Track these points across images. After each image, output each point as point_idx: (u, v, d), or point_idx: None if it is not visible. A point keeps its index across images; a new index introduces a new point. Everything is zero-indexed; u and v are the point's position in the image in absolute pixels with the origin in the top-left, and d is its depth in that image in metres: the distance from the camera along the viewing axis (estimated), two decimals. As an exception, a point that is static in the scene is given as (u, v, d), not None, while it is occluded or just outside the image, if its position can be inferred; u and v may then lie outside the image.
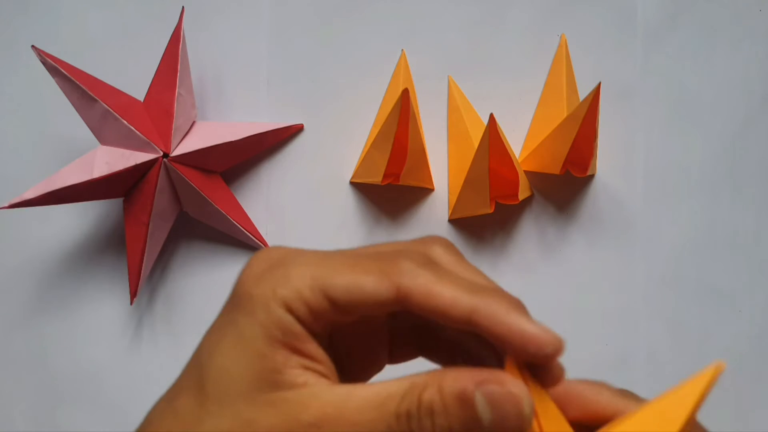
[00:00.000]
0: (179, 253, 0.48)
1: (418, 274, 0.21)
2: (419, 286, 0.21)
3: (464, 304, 0.21)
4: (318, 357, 0.22)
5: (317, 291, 0.21)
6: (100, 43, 0.49)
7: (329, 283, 0.21)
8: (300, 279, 0.21)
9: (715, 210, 0.49)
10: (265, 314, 0.21)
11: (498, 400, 0.20)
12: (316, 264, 0.22)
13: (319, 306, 0.21)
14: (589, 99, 0.40)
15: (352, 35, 0.49)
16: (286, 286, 0.21)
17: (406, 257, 0.21)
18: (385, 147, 0.42)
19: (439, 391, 0.20)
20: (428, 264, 0.21)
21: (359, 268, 0.21)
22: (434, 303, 0.21)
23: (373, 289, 0.21)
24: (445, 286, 0.21)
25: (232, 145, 0.45)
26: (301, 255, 0.22)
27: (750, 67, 0.49)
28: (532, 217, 0.48)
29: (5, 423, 0.48)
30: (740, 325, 0.48)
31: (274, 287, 0.21)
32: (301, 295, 0.21)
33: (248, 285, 0.22)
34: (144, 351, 0.48)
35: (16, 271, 0.49)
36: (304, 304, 0.21)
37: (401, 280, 0.21)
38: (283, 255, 0.22)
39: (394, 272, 0.21)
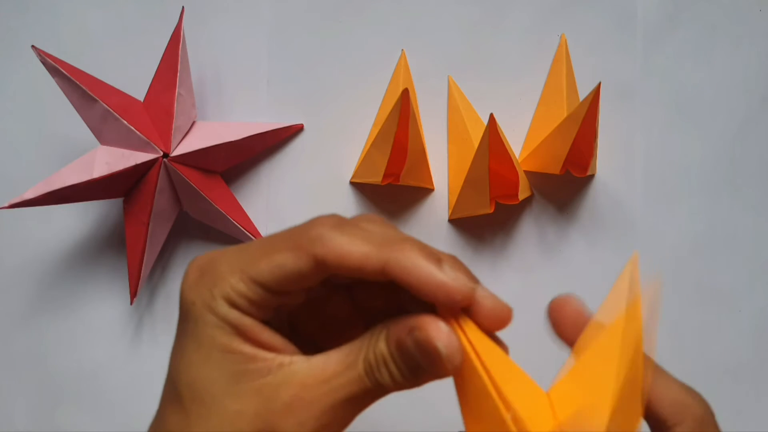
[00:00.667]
0: (179, 253, 0.48)
1: (329, 237, 0.21)
2: (331, 249, 0.21)
3: (375, 258, 0.21)
4: (277, 343, 0.22)
5: (247, 281, 0.22)
6: (100, 43, 0.49)
7: (254, 270, 0.22)
8: (230, 275, 0.22)
9: (715, 210, 0.49)
10: (211, 316, 0.22)
11: (422, 344, 0.21)
12: (238, 257, 0.22)
13: (254, 295, 0.22)
14: (589, 99, 0.40)
15: (352, 35, 0.49)
16: (219, 285, 0.22)
17: (317, 224, 0.22)
18: (385, 147, 0.42)
19: (386, 340, 0.22)
20: (339, 225, 0.22)
21: (275, 248, 0.22)
22: (347, 263, 0.21)
23: (292, 264, 0.22)
24: (355, 245, 0.21)
25: (232, 145, 0.45)
26: (223, 254, 0.23)
27: (750, 67, 0.49)
28: (532, 217, 0.48)
29: (5, 423, 0.48)
30: (740, 325, 0.48)
31: (210, 289, 0.22)
32: (235, 290, 0.22)
33: (187, 294, 0.22)
34: (144, 351, 0.48)
35: (16, 271, 0.49)
36: (242, 297, 0.22)
37: (314, 249, 0.21)
38: (209, 259, 0.23)
39: (306, 242, 0.22)
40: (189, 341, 0.22)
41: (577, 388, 0.22)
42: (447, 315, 0.22)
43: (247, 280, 0.22)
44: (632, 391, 0.22)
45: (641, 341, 0.22)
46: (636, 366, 0.22)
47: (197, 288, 0.22)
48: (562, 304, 0.24)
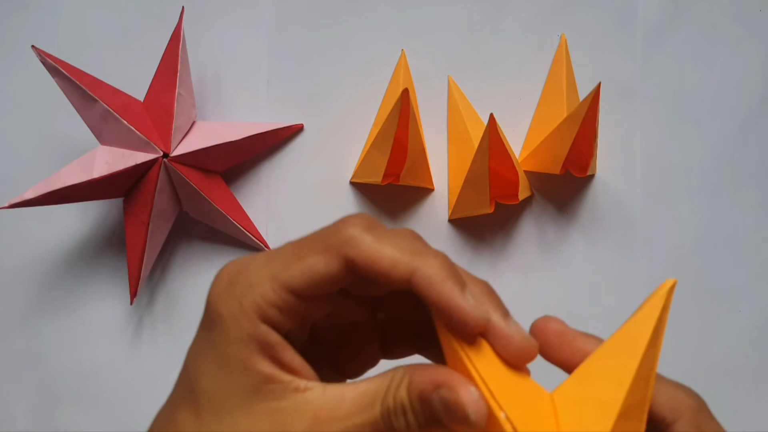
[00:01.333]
0: (179, 253, 0.48)
1: (361, 239, 0.21)
2: (362, 251, 0.21)
3: (403, 266, 0.21)
4: (297, 364, 0.22)
5: (278, 288, 0.21)
6: (100, 43, 0.49)
7: (285, 276, 0.21)
8: (259, 284, 0.22)
9: (715, 210, 0.49)
10: (237, 331, 0.21)
11: (449, 404, 0.21)
12: (268, 264, 0.22)
13: (285, 303, 0.22)
14: (589, 99, 0.40)
15: (352, 35, 0.49)
16: (249, 296, 0.22)
17: (348, 224, 0.22)
18: (385, 147, 0.42)
19: (408, 389, 0.21)
20: (370, 227, 0.22)
21: (306, 251, 0.22)
22: (377, 267, 0.21)
23: (324, 267, 0.21)
24: (386, 250, 0.21)
25: (232, 145, 0.45)
26: (252, 261, 0.22)
27: (750, 67, 0.49)
28: (532, 217, 0.48)
29: (5, 423, 0.48)
30: (740, 325, 0.48)
31: (240, 301, 0.22)
32: (266, 299, 0.21)
33: (215, 304, 0.22)
34: (144, 351, 0.48)
35: (16, 271, 0.49)
36: (272, 306, 0.21)
37: (346, 251, 0.21)
38: (239, 266, 0.23)
39: (338, 244, 0.22)
40: (212, 351, 0.22)
41: (583, 396, 0.22)
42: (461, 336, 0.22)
43: (278, 288, 0.21)
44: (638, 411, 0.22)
45: (656, 367, 0.22)
46: (647, 388, 0.22)
47: (226, 299, 0.22)
48: (543, 325, 0.24)
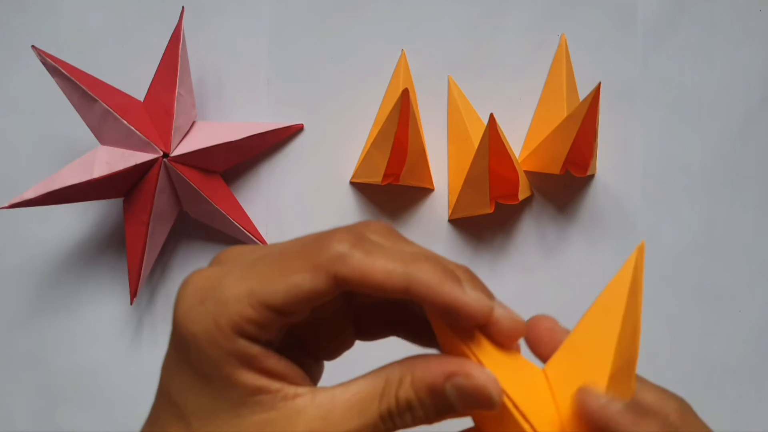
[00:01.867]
0: (179, 253, 0.48)
1: (350, 255, 0.20)
2: (353, 269, 0.20)
3: (398, 278, 0.20)
4: (281, 369, 0.21)
5: (258, 305, 0.20)
6: (100, 43, 0.49)
7: (266, 294, 0.20)
8: (236, 301, 0.20)
9: (715, 210, 0.49)
10: (215, 349, 0.21)
11: (467, 391, 0.20)
12: (245, 279, 0.21)
13: (264, 319, 0.21)
14: (589, 99, 0.40)
15: (352, 35, 0.49)
16: (224, 313, 0.20)
17: (335, 239, 0.21)
18: (385, 147, 0.42)
19: (413, 386, 0.21)
20: (359, 242, 0.21)
21: (290, 268, 0.21)
22: (370, 282, 0.20)
23: (311, 285, 0.20)
24: (378, 262, 0.20)
25: (232, 145, 0.45)
26: (226, 275, 0.21)
27: (750, 67, 0.49)
28: (532, 217, 0.48)
29: (5, 423, 0.48)
30: (740, 325, 0.48)
31: (214, 318, 0.20)
32: (244, 316, 0.20)
33: (186, 324, 0.21)
34: (144, 351, 0.48)
35: (16, 271, 0.49)
36: (250, 323, 0.20)
37: (335, 268, 0.20)
38: (208, 282, 0.21)
39: (325, 261, 0.20)
40: (190, 370, 0.21)
41: (572, 362, 0.22)
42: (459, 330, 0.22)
43: (257, 305, 0.20)
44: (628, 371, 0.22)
45: (639, 326, 0.22)
46: (634, 348, 0.22)
47: (198, 317, 0.21)
48: (536, 323, 0.24)
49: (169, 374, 0.22)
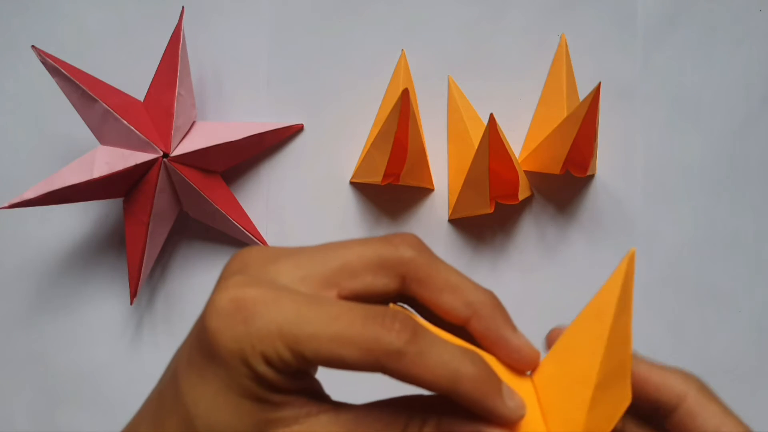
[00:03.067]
0: (179, 253, 0.48)
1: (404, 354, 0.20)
2: (402, 368, 0.20)
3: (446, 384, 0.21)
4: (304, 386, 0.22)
5: (297, 354, 0.20)
6: (100, 43, 0.49)
7: (309, 350, 0.20)
8: (278, 338, 0.20)
9: (715, 210, 0.49)
10: (246, 369, 0.21)
11: None
12: (297, 322, 0.20)
13: (296, 363, 0.21)
14: (589, 99, 0.40)
15: (352, 35, 0.49)
16: (265, 344, 0.20)
17: (395, 329, 0.20)
18: (385, 147, 0.42)
19: (437, 428, 0.22)
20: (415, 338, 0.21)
21: (344, 338, 0.20)
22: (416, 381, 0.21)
23: (353, 361, 0.20)
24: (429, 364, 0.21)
25: (232, 145, 0.45)
26: (276, 302, 0.21)
27: (750, 67, 0.49)
28: (532, 217, 0.48)
29: (5, 423, 0.48)
30: (740, 325, 0.48)
31: (252, 344, 0.20)
32: (281, 357, 0.20)
33: (223, 339, 0.21)
34: (144, 351, 0.48)
35: (16, 271, 0.49)
36: (285, 363, 0.21)
37: (385, 360, 0.20)
38: (256, 302, 0.21)
39: (379, 351, 0.20)
40: (215, 383, 0.21)
41: (559, 372, 0.23)
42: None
43: (297, 353, 0.20)
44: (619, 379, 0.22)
45: (630, 333, 0.22)
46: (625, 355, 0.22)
47: (237, 336, 0.20)
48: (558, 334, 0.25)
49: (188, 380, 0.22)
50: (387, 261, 0.22)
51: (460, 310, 0.23)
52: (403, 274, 0.22)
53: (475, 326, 0.23)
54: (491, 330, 0.23)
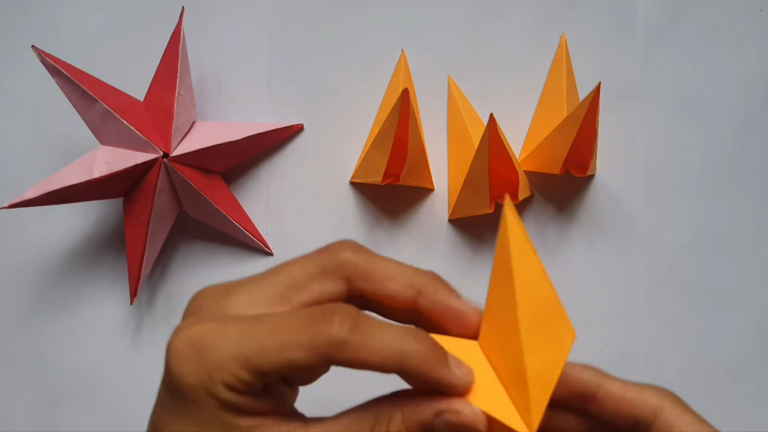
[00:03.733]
0: (179, 253, 0.48)
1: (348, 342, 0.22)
2: (350, 355, 0.22)
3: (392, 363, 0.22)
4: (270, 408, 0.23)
5: (253, 371, 0.22)
6: (100, 43, 0.49)
7: (263, 363, 0.22)
8: (233, 362, 0.22)
9: (715, 210, 0.49)
10: (212, 399, 0.22)
11: (457, 427, 0.22)
12: (245, 343, 0.22)
13: (256, 381, 0.22)
14: (589, 99, 0.40)
15: (352, 35, 0.49)
16: (222, 371, 0.22)
17: (336, 321, 0.22)
18: (385, 147, 0.42)
19: (404, 422, 0.22)
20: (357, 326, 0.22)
21: (290, 343, 0.22)
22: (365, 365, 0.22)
23: (306, 363, 0.22)
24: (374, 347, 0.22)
25: (232, 145, 0.45)
26: (222, 334, 0.22)
27: (750, 67, 0.49)
28: (532, 217, 0.48)
29: (5, 423, 0.48)
30: (740, 325, 0.48)
31: (210, 374, 0.22)
32: (239, 378, 0.22)
33: (183, 377, 0.22)
34: (144, 351, 0.48)
35: (16, 271, 0.49)
36: (243, 383, 0.22)
37: (332, 353, 0.22)
38: (203, 337, 0.22)
39: (324, 345, 0.22)
40: (186, 418, 0.23)
41: (493, 327, 0.24)
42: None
43: (253, 370, 0.22)
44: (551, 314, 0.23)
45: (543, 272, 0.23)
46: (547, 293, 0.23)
47: (195, 370, 0.22)
48: None
49: (162, 420, 0.23)
50: (328, 267, 0.24)
51: (404, 292, 0.24)
52: (346, 275, 0.24)
53: (423, 304, 0.24)
54: (438, 302, 0.24)
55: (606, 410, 0.25)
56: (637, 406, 0.24)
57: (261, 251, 0.48)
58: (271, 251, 0.48)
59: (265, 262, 0.48)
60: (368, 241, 0.48)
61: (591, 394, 0.25)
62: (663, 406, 0.24)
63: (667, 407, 0.24)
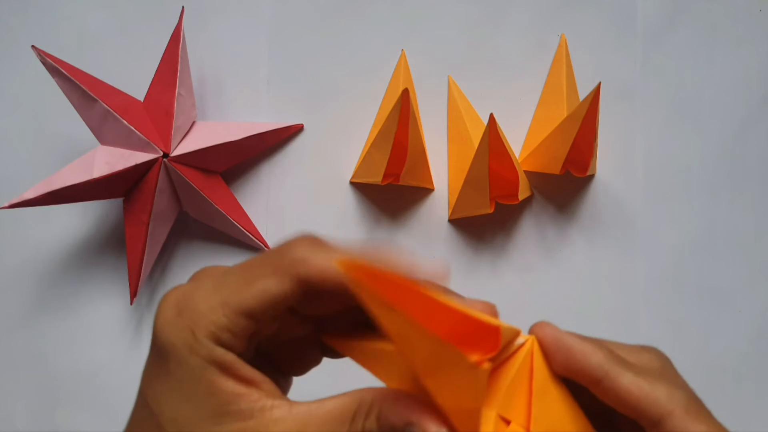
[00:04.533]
0: (179, 253, 0.48)
1: (310, 256, 0.22)
2: (314, 268, 0.22)
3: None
4: (257, 378, 0.23)
5: (231, 313, 0.22)
6: (100, 43, 0.49)
7: (237, 301, 0.22)
8: (211, 311, 0.22)
9: (715, 210, 0.49)
10: (194, 357, 0.22)
11: None
12: (217, 290, 0.22)
13: (237, 326, 0.22)
14: (589, 99, 0.40)
15: (352, 35, 0.49)
16: (201, 323, 0.22)
17: (295, 245, 0.22)
18: (385, 147, 0.42)
19: (377, 420, 0.22)
20: (316, 244, 0.23)
21: (256, 275, 0.22)
22: (329, 277, 0.22)
23: (277, 289, 0.22)
24: (335, 259, 0.22)
25: (232, 145, 0.45)
26: (198, 288, 0.23)
27: (750, 67, 0.49)
28: (532, 217, 0.48)
29: (5, 423, 0.48)
30: (740, 325, 0.48)
31: (192, 329, 0.22)
32: (219, 325, 0.22)
33: (166, 335, 0.22)
34: (144, 351, 0.48)
35: (16, 271, 0.49)
36: (225, 330, 0.22)
37: (297, 269, 0.22)
38: (183, 295, 0.23)
39: (288, 264, 0.22)
40: (170, 380, 0.22)
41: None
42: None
43: (229, 313, 0.22)
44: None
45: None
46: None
47: (176, 328, 0.22)
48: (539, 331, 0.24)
49: (149, 384, 0.24)
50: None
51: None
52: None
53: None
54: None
55: (608, 398, 0.23)
56: (643, 406, 0.23)
57: (261, 251, 0.48)
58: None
59: (265, 262, 0.48)
60: (368, 241, 0.48)
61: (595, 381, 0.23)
62: (673, 411, 0.22)
63: (677, 414, 0.22)
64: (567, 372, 0.23)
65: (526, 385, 0.23)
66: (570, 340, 0.23)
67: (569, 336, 0.24)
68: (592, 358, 0.23)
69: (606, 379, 0.23)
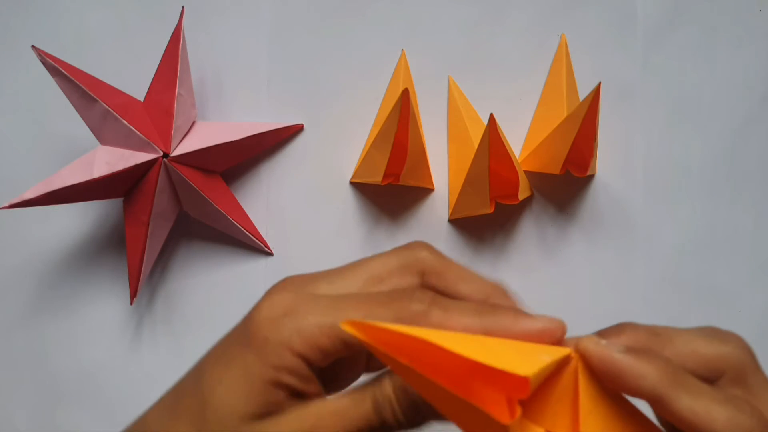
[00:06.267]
0: (179, 253, 0.48)
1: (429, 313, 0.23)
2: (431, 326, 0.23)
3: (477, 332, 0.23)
4: (316, 393, 0.24)
5: (335, 339, 0.23)
6: (100, 43, 0.49)
7: (347, 333, 0.22)
8: (317, 327, 0.23)
9: (715, 210, 0.49)
10: (278, 359, 0.23)
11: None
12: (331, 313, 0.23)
13: (333, 349, 0.23)
14: (589, 99, 0.40)
15: (352, 35, 0.49)
16: (301, 335, 0.23)
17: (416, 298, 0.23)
18: (385, 147, 0.42)
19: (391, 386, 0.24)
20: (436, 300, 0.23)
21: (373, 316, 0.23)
22: None
23: None
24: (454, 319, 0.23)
25: (232, 145, 0.45)
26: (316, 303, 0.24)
27: (750, 67, 0.49)
28: (532, 217, 0.48)
29: (5, 423, 0.48)
30: (740, 325, 0.48)
31: (291, 336, 0.23)
32: (318, 344, 0.23)
33: (264, 329, 0.23)
34: (144, 351, 0.48)
35: (16, 271, 0.49)
36: (318, 351, 0.23)
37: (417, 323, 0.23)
38: (295, 301, 0.24)
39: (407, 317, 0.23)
40: (238, 365, 0.23)
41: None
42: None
43: (334, 338, 0.23)
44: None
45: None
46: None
47: (276, 328, 0.23)
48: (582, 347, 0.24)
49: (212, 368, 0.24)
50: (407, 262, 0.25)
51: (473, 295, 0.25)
52: (422, 270, 0.25)
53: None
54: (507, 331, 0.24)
55: (665, 417, 0.22)
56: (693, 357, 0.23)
57: (261, 251, 0.48)
58: (271, 251, 0.48)
59: (265, 262, 0.48)
60: (368, 241, 0.48)
61: (649, 401, 0.22)
62: (725, 371, 0.23)
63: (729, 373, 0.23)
64: (619, 391, 0.23)
65: (574, 401, 0.22)
66: (619, 362, 0.22)
67: (618, 356, 0.22)
68: (644, 383, 0.22)
69: (660, 402, 0.22)
